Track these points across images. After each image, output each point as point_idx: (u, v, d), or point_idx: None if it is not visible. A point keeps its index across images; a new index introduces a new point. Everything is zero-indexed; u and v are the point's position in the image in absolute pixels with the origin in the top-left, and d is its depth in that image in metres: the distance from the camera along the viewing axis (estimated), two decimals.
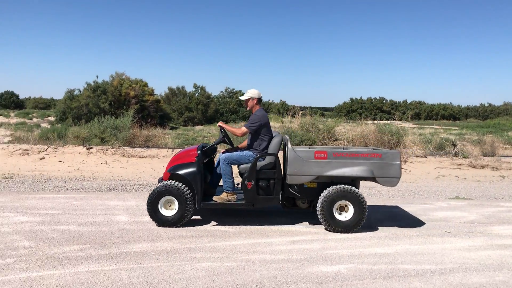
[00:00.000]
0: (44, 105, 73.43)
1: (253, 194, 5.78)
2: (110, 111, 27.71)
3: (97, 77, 31.29)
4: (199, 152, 5.84)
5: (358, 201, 5.62)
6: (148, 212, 5.72)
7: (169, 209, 5.76)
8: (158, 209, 5.70)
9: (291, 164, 5.70)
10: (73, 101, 29.60)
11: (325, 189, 5.71)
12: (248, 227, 5.83)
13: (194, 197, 5.73)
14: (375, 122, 17.88)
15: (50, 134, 14.00)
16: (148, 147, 13.44)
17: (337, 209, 5.68)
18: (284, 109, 55.31)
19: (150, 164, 11.70)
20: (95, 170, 10.82)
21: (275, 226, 5.92)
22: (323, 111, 61.59)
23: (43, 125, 27.17)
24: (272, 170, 5.84)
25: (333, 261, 4.57)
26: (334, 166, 5.68)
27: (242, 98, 6.18)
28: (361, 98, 68.06)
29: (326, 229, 5.75)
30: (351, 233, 5.66)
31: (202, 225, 5.88)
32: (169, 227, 5.72)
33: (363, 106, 66.17)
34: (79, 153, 12.16)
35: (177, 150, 12.87)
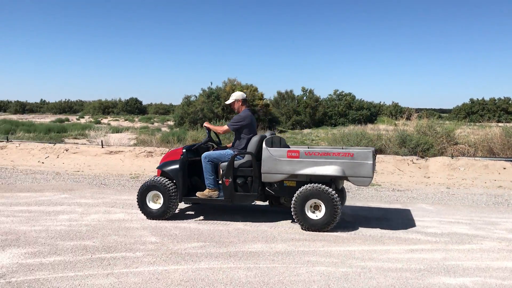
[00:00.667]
0: (164, 110, 78.88)
1: (231, 190, 5.98)
2: (223, 116, 28.97)
3: (211, 83, 32.96)
4: (184, 150, 6.26)
5: (330, 201, 5.60)
6: (137, 204, 6.18)
7: (156, 203, 6.18)
8: (146, 202, 6.17)
9: (265, 163, 5.84)
10: (189, 107, 31.43)
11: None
12: (362, 233, 5.69)
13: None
14: (500, 124, 16.39)
15: (171, 137, 14.98)
16: None
17: (310, 207, 5.72)
18: (396, 111, 53.15)
19: None
20: None
21: (390, 231, 5.69)
22: (439, 113, 58.08)
23: (163, 129, 29.18)
24: (250, 168, 5.99)
25: (456, 273, 4.27)
26: (305, 165, 5.73)
27: (227, 102, 6.50)
28: (482, 98, 62.93)
29: (302, 229, 5.77)
30: (321, 232, 5.64)
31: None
32: (155, 219, 6.12)
33: (485, 108, 61.10)
34: None
35: None
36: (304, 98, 44.90)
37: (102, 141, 15.13)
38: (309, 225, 5.69)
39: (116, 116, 64.24)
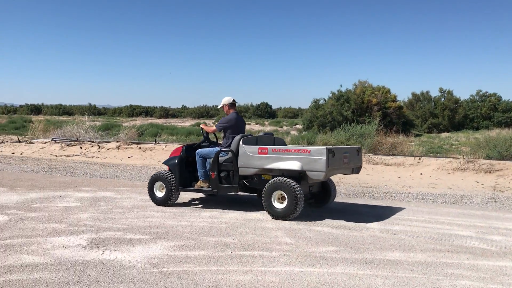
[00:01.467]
0: (293, 114, 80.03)
1: (216, 182, 6.87)
2: (352, 119, 28.44)
3: (340, 86, 32.51)
4: (183, 148, 7.37)
5: (292, 192, 6.18)
6: (148, 193, 7.33)
7: (162, 192, 7.23)
8: (154, 191, 7.29)
9: (241, 158, 6.68)
10: (318, 110, 31.46)
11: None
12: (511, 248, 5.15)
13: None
14: None
15: (300, 140, 15.16)
16: (393, 154, 13.25)
17: (278, 198, 6.36)
18: None
19: (396, 172, 11.51)
20: (341, 176, 11.23)
21: None
22: None
23: (292, 132, 29.68)
24: (231, 163, 6.79)
25: None
26: (272, 160, 6.44)
27: (218, 107, 7.53)
28: None
29: (272, 218, 6.38)
30: (286, 220, 6.25)
31: (456, 241, 5.46)
32: (160, 205, 7.20)
33: None
34: None
35: (423, 159, 12.33)
36: (442, 99, 42.10)
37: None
38: (275, 214, 6.36)
39: (248, 120, 66.92)
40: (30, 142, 18.41)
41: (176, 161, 7.20)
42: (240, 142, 6.73)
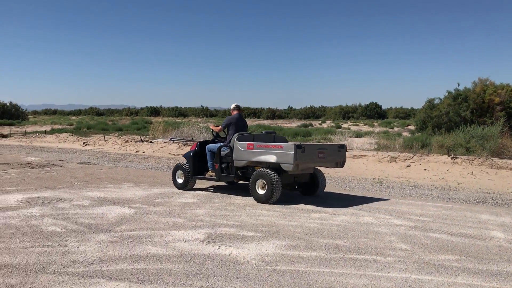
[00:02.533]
0: (404, 114, 76.72)
1: (218, 172, 8.21)
2: (471, 119, 26.44)
3: (458, 84, 30.32)
4: (198, 144, 8.83)
5: (270, 181, 7.29)
6: (172, 179, 8.98)
7: (182, 178, 8.74)
8: (176, 178, 8.86)
9: (235, 152, 7.92)
10: (433, 110, 29.70)
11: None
12: None
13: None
14: None
15: (414, 142, 14.45)
16: None
17: (260, 186, 7.50)
18: None
19: None
20: (460, 181, 10.51)
21: None
22: None
23: (404, 133, 28.42)
24: (230, 156, 8.05)
25: None
26: (256, 154, 7.62)
27: (230, 108, 8.99)
28: None
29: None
30: (267, 204, 7.37)
31: None
32: (180, 189, 8.74)
33: None
34: (444, 162, 12.07)
35: None
36: None
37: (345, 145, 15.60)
38: (258, 198, 7.51)
39: (356, 121, 65.55)
40: (151, 142, 19.89)
41: (191, 154, 8.67)
42: (235, 139, 7.98)
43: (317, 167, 8.31)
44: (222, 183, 9.32)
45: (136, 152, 18.16)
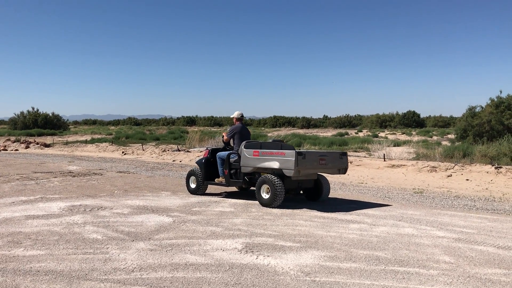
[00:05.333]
0: (443, 123, 74.89)
1: (228, 178, 8.71)
2: None
3: (500, 92, 29.32)
4: (209, 151, 9.30)
5: (273, 186, 7.69)
6: (185, 183, 9.54)
7: (194, 184, 9.29)
8: (189, 184, 9.40)
9: (242, 159, 8.40)
10: (474, 118, 28.82)
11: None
12: None
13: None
14: None
15: (456, 151, 14.05)
16: None
17: (265, 191, 7.91)
18: None
19: None
20: (505, 191, 10.12)
21: None
22: None
23: (443, 142, 27.65)
24: (238, 163, 8.52)
25: None
26: (261, 160, 8.05)
27: (231, 116, 9.53)
28: None
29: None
30: (270, 208, 7.76)
31: None
32: (193, 194, 9.29)
33: None
34: (487, 172, 11.67)
35: None
36: None
37: (384, 154, 15.35)
38: (262, 202, 7.94)
39: (393, 129, 64.38)
40: (188, 151, 20.15)
41: (203, 161, 9.20)
42: (242, 147, 8.46)
43: (321, 174, 8.59)
44: (233, 188, 9.92)
45: (173, 161, 18.42)
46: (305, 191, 8.68)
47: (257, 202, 8.54)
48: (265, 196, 7.94)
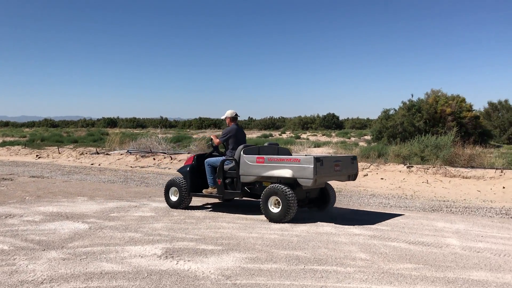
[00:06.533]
0: (361, 125, 78.40)
1: (221, 188, 7.40)
2: (425, 129, 27.30)
3: (412, 95, 31.36)
4: (195, 157, 7.96)
5: (285, 198, 6.62)
6: (164, 196, 8.01)
7: (176, 196, 7.83)
8: (169, 196, 7.91)
9: (242, 166, 7.15)
10: (388, 121, 30.49)
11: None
12: None
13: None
14: None
15: (371, 152, 14.74)
16: (472, 167, 12.51)
17: (273, 203, 6.81)
18: None
19: (476, 186, 10.85)
20: (416, 189, 10.76)
21: None
22: None
23: (360, 143, 28.96)
24: (235, 171, 7.29)
25: None
26: (268, 168, 6.91)
27: (222, 117, 8.11)
28: None
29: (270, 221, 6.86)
30: (280, 223, 6.68)
31: None
32: (174, 208, 7.82)
33: None
34: (400, 171, 12.35)
35: (506, 171, 11.53)
36: None
37: (305, 155, 15.71)
38: (271, 217, 6.82)
39: (314, 131, 66.39)
40: (107, 154, 19.37)
41: (188, 169, 7.84)
42: (241, 152, 7.23)
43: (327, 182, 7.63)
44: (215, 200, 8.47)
45: (92, 164, 17.63)
46: (311, 202, 7.58)
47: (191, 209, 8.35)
48: (275, 210, 6.81)
